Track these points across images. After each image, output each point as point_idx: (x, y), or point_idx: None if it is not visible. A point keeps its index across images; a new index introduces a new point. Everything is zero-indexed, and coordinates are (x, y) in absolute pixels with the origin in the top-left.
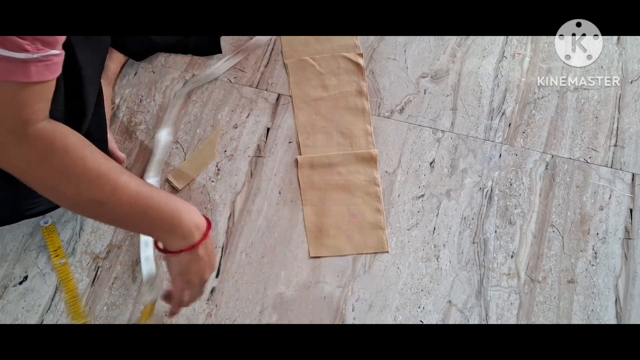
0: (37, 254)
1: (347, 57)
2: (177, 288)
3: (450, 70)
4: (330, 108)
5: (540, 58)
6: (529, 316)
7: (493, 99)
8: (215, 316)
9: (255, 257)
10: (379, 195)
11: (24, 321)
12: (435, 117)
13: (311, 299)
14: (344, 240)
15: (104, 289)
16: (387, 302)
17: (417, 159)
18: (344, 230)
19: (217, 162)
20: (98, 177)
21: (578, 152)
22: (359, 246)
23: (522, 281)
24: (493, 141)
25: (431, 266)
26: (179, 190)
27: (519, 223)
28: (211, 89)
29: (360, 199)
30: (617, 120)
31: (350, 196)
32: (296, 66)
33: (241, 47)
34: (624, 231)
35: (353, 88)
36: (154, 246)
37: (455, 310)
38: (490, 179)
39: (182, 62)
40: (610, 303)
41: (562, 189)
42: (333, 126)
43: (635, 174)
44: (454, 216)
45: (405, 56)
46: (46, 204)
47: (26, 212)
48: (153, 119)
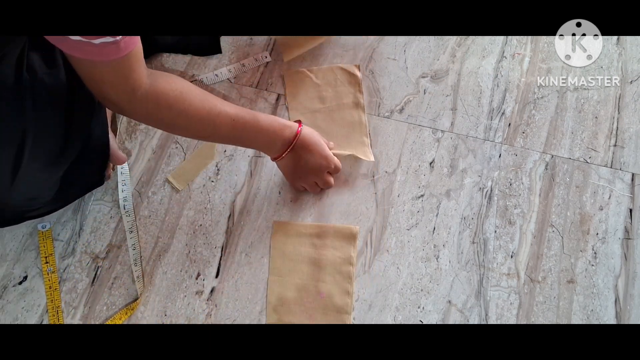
0: (36, 254)
1: (344, 69)
2: (305, 184)
3: (450, 70)
4: (327, 120)
5: (540, 58)
6: (529, 316)
7: (493, 99)
8: (215, 316)
9: (255, 257)
10: (351, 277)
11: (23, 321)
12: (435, 117)
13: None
14: (304, 318)
15: (103, 289)
16: (387, 302)
17: (416, 159)
18: (306, 308)
19: (217, 162)
20: (200, 120)
21: (578, 152)
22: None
23: (522, 281)
24: (493, 141)
25: (431, 266)
26: (179, 190)
27: (518, 223)
28: (211, 89)
29: (331, 277)
30: (617, 120)
31: (321, 272)
32: (293, 78)
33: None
34: (623, 231)
35: (350, 100)
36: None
37: (455, 310)
38: (490, 179)
39: (182, 62)
40: (610, 303)
41: (561, 189)
42: (330, 139)
43: (635, 174)
44: (453, 216)
45: (405, 56)
46: (48, 206)
47: (27, 213)
48: None
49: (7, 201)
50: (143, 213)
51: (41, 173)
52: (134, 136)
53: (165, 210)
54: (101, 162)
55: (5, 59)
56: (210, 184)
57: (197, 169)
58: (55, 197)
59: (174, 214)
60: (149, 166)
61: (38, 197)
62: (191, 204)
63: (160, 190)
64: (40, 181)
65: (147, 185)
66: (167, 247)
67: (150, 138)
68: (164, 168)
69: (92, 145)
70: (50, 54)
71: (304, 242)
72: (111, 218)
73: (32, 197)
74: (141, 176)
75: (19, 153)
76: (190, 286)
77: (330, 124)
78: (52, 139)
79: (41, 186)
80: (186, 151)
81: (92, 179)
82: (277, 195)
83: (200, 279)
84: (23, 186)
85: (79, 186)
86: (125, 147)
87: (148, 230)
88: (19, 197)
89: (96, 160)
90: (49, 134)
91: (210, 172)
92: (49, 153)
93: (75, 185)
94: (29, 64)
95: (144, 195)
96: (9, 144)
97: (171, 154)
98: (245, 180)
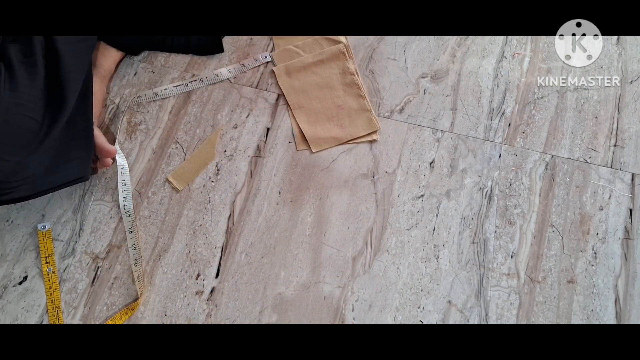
0: (36, 254)
1: (328, 38)
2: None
3: (450, 70)
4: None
5: (540, 58)
6: (529, 316)
7: (493, 99)
8: (215, 316)
9: (255, 257)
10: (357, 83)
11: (23, 321)
12: (435, 117)
13: (311, 299)
14: (337, 130)
15: (103, 289)
16: (387, 302)
17: (416, 159)
18: (334, 121)
19: (217, 162)
20: None
21: (578, 152)
22: (353, 132)
23: (522, 281)
24: (493, 141)
25: (431, 266)
26: (179, 190)
27: (518, 223)
28: (211, 89)
29: (341, 90)
30: (617, 120)
31: (332, 90)
32: (281, 56)
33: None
34: (623, 231)
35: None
36: None
37: (455, 310)
38: (490, 179)
39: (182, 61)
40: (610, 303)
41: (561, 189)
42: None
43: (635, 174)
44: (453, 216)
45: (405, 56)
46: (25, 190)
47: (1, 196)
48: (153, 119)
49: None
50: (143, 213)
51: (13, 155)
52: (134, 136)
53: (165, 210)
54: (84, 155)
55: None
56: (210, 184)
57: (197, 169)
58: (30, 184)
59: (174, 214)
60: (149, 166)
61: (7, 180)
62: (191, 204)
63: (160, 190)
64: (12, 164)
65: (147, 185)
66: (167, 247)
67: (150, 138)
68: (164, 168)
69: (74, 134)
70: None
71: (305, 74)
72: (111, 218)
73: (1, 180)
74: (141, 176)
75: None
76: (190, 286)
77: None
78: (25, 121)
79: (11, 169)
80: (186, 151)
81: (73, 171)
82: (277, 195)
83: (200, 279)
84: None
85: (57, 177)
86: (125, 147)
87: (148, 230)
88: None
89: (76, 151)
90: (21, 116)
91: (210, 172)
92: (21, 135)
93: (51, 174)
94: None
95: (144, 195)
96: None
97: (171, 154)
98: (245, 180)
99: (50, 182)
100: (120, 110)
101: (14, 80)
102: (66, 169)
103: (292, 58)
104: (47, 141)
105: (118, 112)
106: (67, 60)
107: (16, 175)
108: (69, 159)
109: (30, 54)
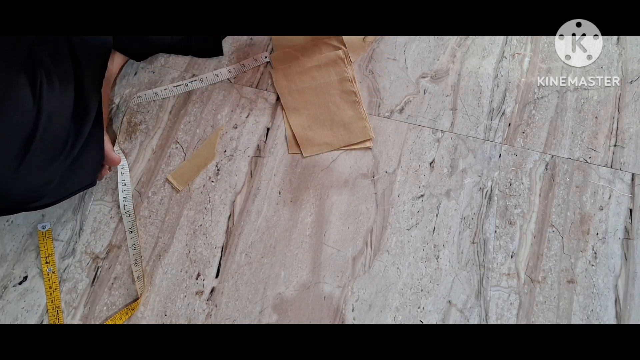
0: (36, 254)
1: (328, 42)
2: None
3: (450, 70)
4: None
5: (540, 58)
6: (529, 316)
7: (493, 99)
8: (215, 316)
9: (255, 257)
10: (354, 90)
11: (23, 321)
12: (435, 117)
13: (311, 299)
14: (330, 136)
15: (103, 289)
16: (387, 302)
17: (416, 159)
18: (328, 127)
19: (217, 162)
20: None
21: (578, 152)
22: (346, 139)
23: (522, 281)
24: (493, 141)
25: (431, 266)
26: (179, 190)
27: (518, 223)
28: (211, 89)
29: (337, 96)
30: (617, 120)
31: (328, 96)
32: (280, 58)
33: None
34: (623, 231)
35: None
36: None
37: (455, 310)
38: (490, 179)
39: (182, 62)
40: (610, 303)
41: (561, 189)
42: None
43: (635, 174)
44: (453, 216)
45: (405, 56)
46: (44, 200)
47: (26, 205)
48: (153, 119)
49: (10, 189)
50: (143, 213)
51: (46, 165)
52: (134, 136)
53: (165, 210)
54: (96, 162)
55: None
56: (210, 184)
57: (197, 169)
58: (52, 192)
59: (174, 214)
60: (149, 166)
61: (39, 189)
62: (191, 204)
63: (160, 190)
64: (44, 173)
65: (147, 185)
66: (167, 247)
67: (150, 138)
68: (164, 168)
69: (89, 144)
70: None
71: (303, 78)
72: (111, 218)
73: (33, 189)
74: (141, 176)
75: (29, 140)
76: (190, 286)
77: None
78: (60, 131)
79: (44, 178)
80: (186, 151)
81: (86, 178)
82: (277, 195)
83: (200, 279)
84: (27, 175)
85: (73, 183)
86: (125, 147)
87: (148, 230)
88: (21, 186)
89: (91, 159)
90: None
91: (210, 172)
92: (56, 145)
93: (69, 182)
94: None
95: (144, 195)
96: (21, 129)
97: (171, 154)
98: (245, 180)
99: (68, 188)
100: (120, 110)
101: (52, 86)
102: (81, 175)
103: (290, 61)
104: (74, 150)
105: (118, 112)
106: (86, 75)
107: (49, 185)
108: (83, 165)
109: (60, 61)
